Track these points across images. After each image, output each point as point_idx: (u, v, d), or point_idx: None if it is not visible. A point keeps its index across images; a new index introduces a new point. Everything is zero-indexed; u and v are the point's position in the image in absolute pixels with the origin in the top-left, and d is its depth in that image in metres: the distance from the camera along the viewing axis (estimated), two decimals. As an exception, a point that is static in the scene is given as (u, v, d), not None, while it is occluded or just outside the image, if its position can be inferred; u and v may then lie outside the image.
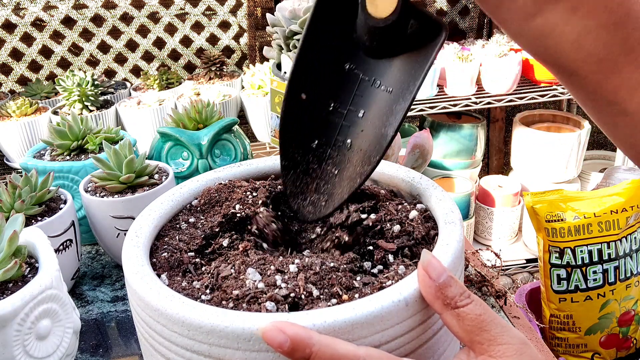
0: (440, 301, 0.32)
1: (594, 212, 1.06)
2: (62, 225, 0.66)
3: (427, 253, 0.34)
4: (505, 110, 2.10)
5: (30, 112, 1.41)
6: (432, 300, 0.33)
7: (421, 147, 0.68)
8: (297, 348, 0.30)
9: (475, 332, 0.32)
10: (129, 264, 0.38)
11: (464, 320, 0.32)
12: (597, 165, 2.07)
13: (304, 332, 0.30)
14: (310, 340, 0.30)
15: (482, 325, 0.32)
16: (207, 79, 1.60)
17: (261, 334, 0.30)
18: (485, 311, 0.32)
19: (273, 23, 0.84)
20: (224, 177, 0.52)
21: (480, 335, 0.32)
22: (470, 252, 0.72)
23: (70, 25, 1.70)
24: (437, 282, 0.32)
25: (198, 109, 0.85)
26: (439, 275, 0.32)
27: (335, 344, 0.30)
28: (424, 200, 0.46)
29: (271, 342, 0.30)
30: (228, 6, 1.77)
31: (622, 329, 1.13)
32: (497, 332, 0.32)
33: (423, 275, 0.33)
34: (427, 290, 0.33)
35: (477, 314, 0.32)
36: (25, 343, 0.45)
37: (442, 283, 0.32)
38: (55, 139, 0.80)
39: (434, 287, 0.32)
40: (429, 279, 0.32)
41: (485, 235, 1.90)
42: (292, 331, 0.30)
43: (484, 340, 0.32)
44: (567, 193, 1.10)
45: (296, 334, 0.30)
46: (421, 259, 0.33)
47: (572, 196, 1.09)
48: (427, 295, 0.33)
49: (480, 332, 0.32)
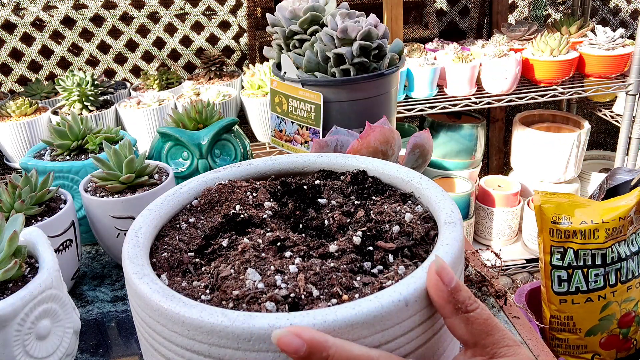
0: (451, 305, 0.33)
1: (602, 219, 1.05)
2: (62, 225, 0.66)
3: (439, 258, 0.34)
4: (505, 110, 2.10)
5: (30, 112, 1.41)
6: (443, 304, 0.33)
7: (421, 147, 0.68)
8: (314, 352, 0.29)
9: (481, 336, 0.33)
10: (129, 264, 0.38)
11: (473, 324, 0.33)
12: (597, 165, 2.07)
13: (320, 336, 0.30)
14: (326, 343, 0.29)
15: (488, 329, 0.33)
16: (207, 79, 1.60)
17: (276, 340, 0.30)
18: (490, 316, 0.33)
19: (273, 23, 0.84)
20: (224, 177, 0.52)
21: (486, 339, 0.33)
22: (470, 252, 0.72)
23: (70, 25, 1.70)
24: (450, 286, 0.33)
25: (198, 109, 0.85)
26: (451, 280, 0.33)
27: (350, 346, 0.30)
28: (424, 200, 0.46)
29: (287, 348, 0.29)
30: (228, 6, 1.77)
31: (622, 330, 1.13)
32: (500, 336, 0.33)
33: (436, 280, 0.33)
34: (439, 294, 0.33)
35: (485, 318, 0.33)
36: (25, 343, 0.45)
37: (453, 287, 0.33)
38: (55, 139, 0.80)
39: (447, 292, 0.33)
40: (442, 284, 0.33)
41: (485, 235, 1.90)
42: (308, 335, 0.29)
43: (488, 344, 0.33)
44: (577, 199, 1.07)
45: (312, 337, 0.29)
46: (435, 264, 0.34)
47: (582, 203, 1.06)
48: (438, 300, 0.33)
49: (486, 336, 0.33)
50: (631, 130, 1.67)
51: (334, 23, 0.77)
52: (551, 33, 1.65)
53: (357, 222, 0.43)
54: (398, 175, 0.49)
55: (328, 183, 0.50)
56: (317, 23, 0.81)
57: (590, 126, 1.81)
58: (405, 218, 0.43)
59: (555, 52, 1.59)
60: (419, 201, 0.46)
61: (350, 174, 0.49)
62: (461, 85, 1.62)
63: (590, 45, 1.66)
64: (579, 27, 1.77)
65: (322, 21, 0.81)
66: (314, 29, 0.81)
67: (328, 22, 0.78)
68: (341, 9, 0.81)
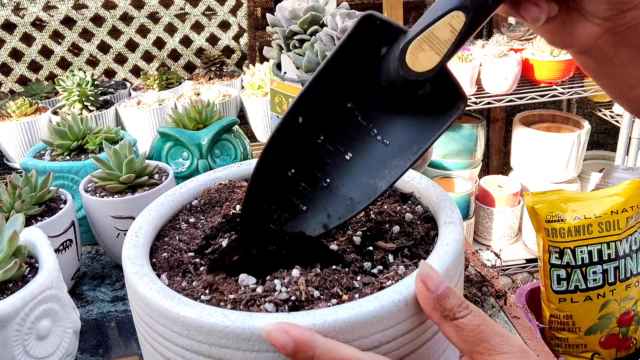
0: (438, 313, 0.32)
1: (594, 212, 1.06)
2: (62, 225, 0.66)
3: (424, 264, 0.33)
4: (505, 110, 2.10)
5: (30, 112, 1.41)
6: (430, 311, 0.33)
7: (421, 147, 0.68)
8: (300, 350, 0.30)
9: (474, 343, 0.32)
10: (129, 264, 0.38)
11: (463, 331, 0.32)
12: (597, 165, 2.07)
13: (308, 335, 0.30)
14: (314, 343, 0.30)
15: (481, 335, 0.32)
16: (207, 79, 1.60)
17: (265, 334, 0.30)
18: (484, 321, 0.32)
19: (273, 23, 0.84)
20: (224, 177, 0.52)
21: (479, 345, 0.32)
22: (470, 252, 0.72)
23: (70, 25, 1.70)
24: (435, 293, 0.32)
25: (198, 109, 0.85)
26: (437, 286, 0.32)
27: (339, 347, 0.30)
28: (424, 201, 0.46)
29: (275, 343, 0.30)
30: (228, 6, 1.77)
31: (622, 329, 1.13)
32: (497, 342, 0.32)
33: (421, 287, 0.33)
34: (425, 302, 0.33)
35: (476, 324, 0.32)
36: (25, 343, 0.45)
37: (440, 295, 0.32)
38: (55, 139, 0.80)
39: (432, 299, 0.32)
40: (427, 290, 0.32)
41: (485, 235, 1.90)
42: (296, 333, 0.30)
43: (483, 350, 0.32)
44: (567, 194, 1.09)
45: (300, 335, 0.30)
46: (419, 271, 0.33)
47: (572, 197, 1.09)
48: (425, 307, 0.33)
49: (480, 343, 0.32)
50: (631, 130, 1.67)
51: (334, 23, 0.77)
52: (551, 33, 1.65)
53: (357, 222, 0.43)
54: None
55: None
56: (317, 23, 0.81)
57: (590, 126, 1.81)
58: (406, 218, 0.43)
59: (555, 52, 1.59)
60: (419, 201, 0.46)
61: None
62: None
63: (590, 45, 1.65)
64: (579, 27, 1.77)
65: (322, 21, 0.82)
66: (314, 29, 0.81)
67: (328, 22, 0.78)
68: (341, 9, 0.81)
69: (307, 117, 0.39)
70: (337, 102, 0.39)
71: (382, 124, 0.40)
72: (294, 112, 0.39)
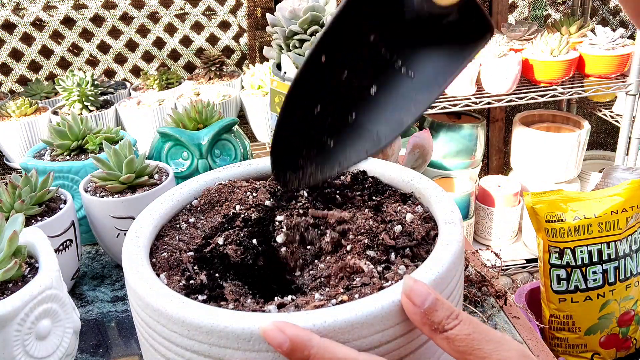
0: (427, 327, 0.32)
1: (594, 212, 1.06)
2: (62, 225, 0.66)
3: (408, 278, 0.33)
4: (505, 110, 2.10)
5: (30, 112, 1.41)
6: (419, 326, 0.32)
7: (421, 147, 0.68)
8: (296, 349, 0.30)
9: (467, 352, 0.31)
10: (129, 264, 0.38)
11: (454, 342, 0.31)
12: (597, 165, 2.07)
13: (304, 334, 0.30)
14: (309, 342, 0.30)
15: (472, 344, 0.31)
16: (207, 79, 1.60)
17: (262, 332, 0.30)
18: (474, 330, 0.31)
19: (273, 23, 0.84)
20: (224, 177, 0.52)
21: (472, 354, 0.31)
22: (470, 252, 0.72)
23: (70, 25, 1.70)
24: (422, 308, 0.32)
25: (198, 109, 0.85)
26: (423, 300, 0.32)
27: (335, 347, 0.30)
28: (424, 201, 0.46)
29: (271, 342, 0.30)
30: (228, 6, 1.77)
31: (621, 329, 1.13)
32: (491, 349, 0.31)
33: (406, 303, 0.32)
34: (413, 317, 0.32)
35: (466, 334, 0.31)
36: (25, 343, 0.45)
37: (427, 308, 0.32)
38: (55, 139, 0.80)
39: (419, 314, 0.32)
40: (412, 305, 0.32)
41: (485, 235, 1.90)
42: (292, 332, 0.30)
43: (477, 359, 0.31)
44: (567, 193, 1.09)
45: (296, 335, 0.30)
46: (403, 286, 0.33)
47: (572, 197, 1.09)
48: (414, 322, 0.32)
49: (472, 351, 0.31)
50: (631, 130, 1.67)
51: (334, 23, 0.77)
52: (551, 33, 1.65)
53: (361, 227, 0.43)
54: (398, 175, 0.49)
55: (328, 183, 0.50)
56: (317, 23, 0.81)
57: (590, 126, 1.81)
58: (406, 218, 0.43)
59: (555, 52, 1.59)
60: (419, 201, 0.46)
61: (350, 174, 0.49)
62: (461, 85, 1.62)
63: (590, 45, 1.65)
64: (579, 27, 1.77)
65: (322, 21, 0.81)
66: (314, 29, 0.81)
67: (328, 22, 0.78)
68: (341, 9, 0.81)
69: (331, 54, 0.38)
70: (360, 37, 0.38)
71: (407, 56, 0.39)
72: (317, 51, 0.38)
